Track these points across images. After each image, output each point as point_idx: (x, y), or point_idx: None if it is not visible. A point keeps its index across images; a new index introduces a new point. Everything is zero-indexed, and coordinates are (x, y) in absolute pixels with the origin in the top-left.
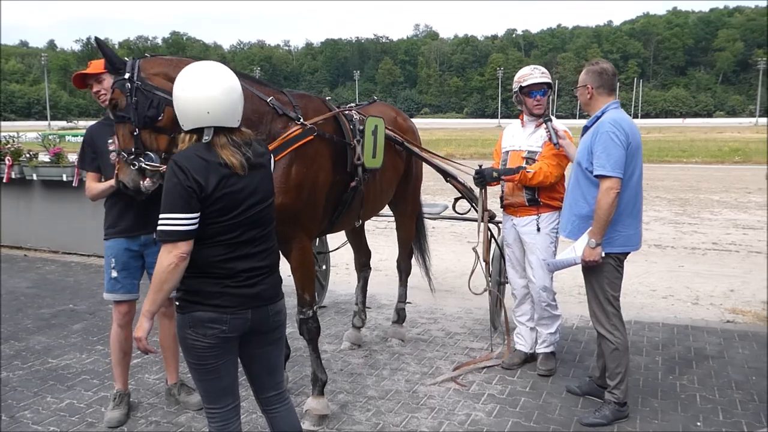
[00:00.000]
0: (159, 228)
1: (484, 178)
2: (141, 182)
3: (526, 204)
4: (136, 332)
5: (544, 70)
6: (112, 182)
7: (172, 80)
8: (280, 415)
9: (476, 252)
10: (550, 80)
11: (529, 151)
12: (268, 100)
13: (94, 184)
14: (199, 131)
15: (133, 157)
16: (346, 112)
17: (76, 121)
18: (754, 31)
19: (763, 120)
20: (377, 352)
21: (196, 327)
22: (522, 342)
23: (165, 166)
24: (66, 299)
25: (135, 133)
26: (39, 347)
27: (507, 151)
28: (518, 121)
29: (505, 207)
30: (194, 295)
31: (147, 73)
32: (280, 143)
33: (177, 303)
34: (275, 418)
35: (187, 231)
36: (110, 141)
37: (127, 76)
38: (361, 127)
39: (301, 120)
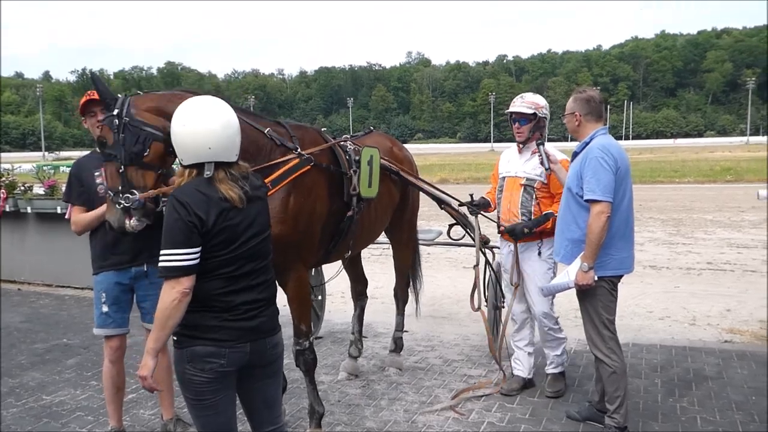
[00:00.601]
0: (161, 264)
1: (515, 236)
2: (126, 221)
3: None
4: (140, 371)
5: (533, 99)
6: (98, 212)
7: (163, 114)
8: None
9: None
10: (531, 110)
11: (527, 179)
12: (265, 131)
13: (81, 216)
14: (198, 166)
15: (118, 195)
16: (342, 143)
17: (57, 153)
18: (743, 52)
19: (754, 138)
20: (375, 382)
21: (194, 362)
22: (520, 367)
23: (152, 203)
24: (60, 333)
25: (120, 171)
26: (33, 384)
27: (504, 177)
28: (515, 145)
29: (503, 233)
30: (192, 329)
31: (137, 109)
32: (278, 175)
33: (174, 338)
34: None
35: (190, 266)
36: (97, 173)
37: (115, 112)
38: (357, 158)
39: (299, 150)
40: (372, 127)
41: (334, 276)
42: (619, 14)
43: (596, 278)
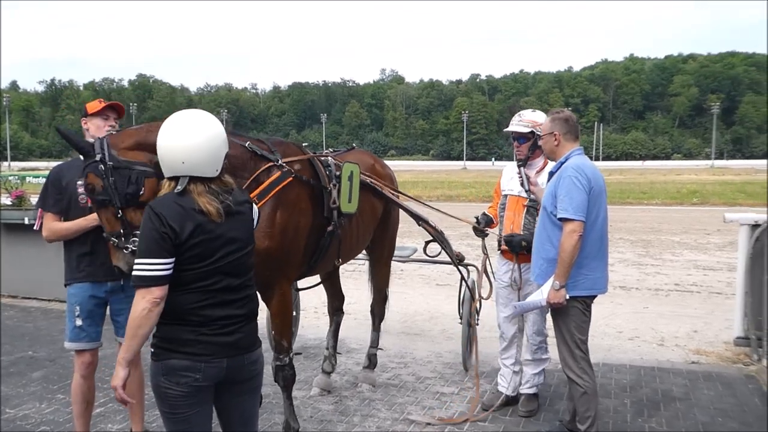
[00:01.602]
0: (134, 273)
1: (513, 247)
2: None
3: (526, 253)
4: (113, 381)
5: (530, 117)
6: (80, 224)
7: (146, 147)
8: None
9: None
10: (528, 129)
11: (530, 199)
12: (246, 144)
13: (57, 224)
14: (177, 178)
15: (123, 239)
16: (322, 157)
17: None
18: (707, 77)
19: (718, 162)
20: (347, 398)
21: (169, 375)
22: (504, 384)
23: None
24: (25, 346)
25: (119, 215)
26: None
27: (506, 195)
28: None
29: (503, 252)
30: (169, 342)
31: (118, 148)
32: (263, 188)
33: (152, 350)
34: None
35: (161, 276)
36: (80, 183)
37: (98, 157)
38: (338, 173)
39: (280, 162)
40: (354, 144)
41: (308, 288)
42: (589, 37)
43: (568, 297)
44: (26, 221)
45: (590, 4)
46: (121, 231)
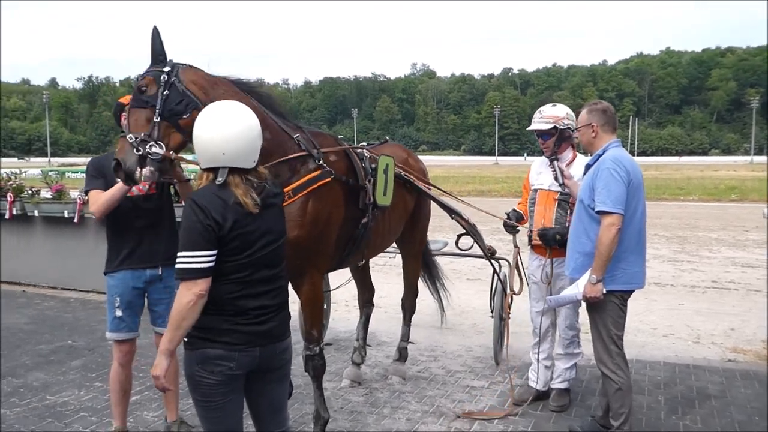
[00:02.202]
0: (178, 266)
1: (547, 240)
2: (138, 168)
3: (558, 247)
4: (153, 370)
5: (551, 113)
6: (117, 188)
7: (205, 92)
8: None
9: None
10: (549, 125)
11: (561, 193)
12: (294, 136)
13: (101, 194)
14: (216, 170)
15: (140, 141)
16: (358, 150)
17: (27, 158)
18: (746, 71)
19: (758, 158)
20: (377, 390)
21: (204, 364)
22: (535, 379)
23: (170, 156)
24: (65, 335)
25: (154, 120)
26: (37, 384)
27: (535, 189)
28: (544, 157)
29: (534, 247)
30: (204, 332)
31: (185, 79)
32: (298, 184)
33: (186, 339)
34: None
35: (207, 268)
36: None
37: (166, 70)
38: (373, 166)
39: (321, 162)
40: (387, 138)
41: (344, 283)
42: (624, 30)
43: (605, 291)
44: (66, 214)
45: None
46: (143, 135)
